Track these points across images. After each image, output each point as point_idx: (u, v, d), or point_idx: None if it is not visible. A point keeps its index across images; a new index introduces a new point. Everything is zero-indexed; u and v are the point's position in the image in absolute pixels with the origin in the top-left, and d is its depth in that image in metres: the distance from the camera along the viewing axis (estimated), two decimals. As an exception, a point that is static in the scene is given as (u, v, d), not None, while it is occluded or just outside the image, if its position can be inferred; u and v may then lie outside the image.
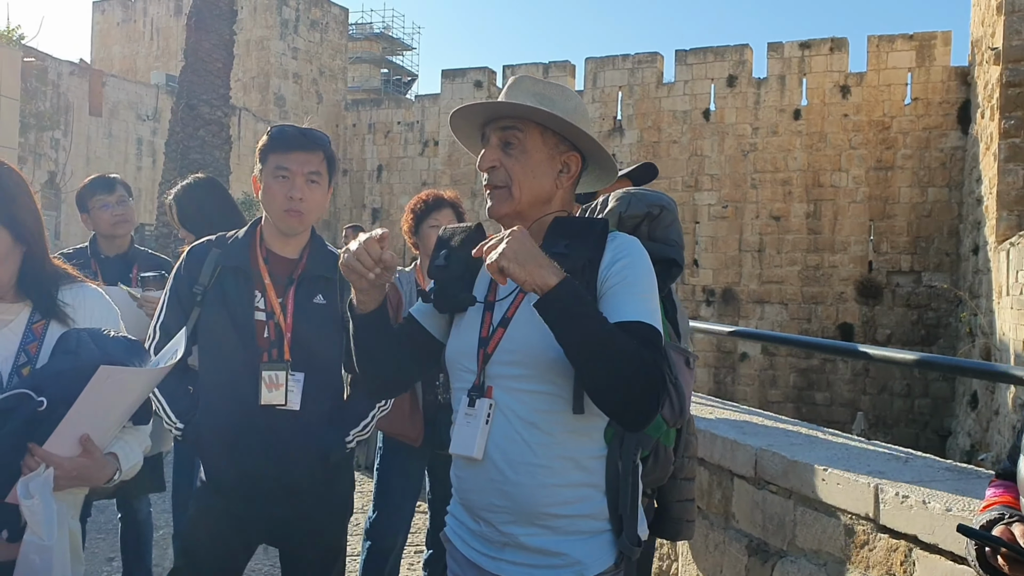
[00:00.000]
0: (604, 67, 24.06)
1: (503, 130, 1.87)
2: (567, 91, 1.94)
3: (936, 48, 20.59)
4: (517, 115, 1.86)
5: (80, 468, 1.85)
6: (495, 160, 1.86)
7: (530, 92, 1.89)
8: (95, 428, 1.90)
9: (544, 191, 1.88)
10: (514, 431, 1.77)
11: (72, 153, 21.22)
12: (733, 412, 4.12)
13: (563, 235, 1.83)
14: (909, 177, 20.58)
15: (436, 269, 1.96)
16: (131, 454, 2.04)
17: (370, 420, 2.63)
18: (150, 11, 32.53)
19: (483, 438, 1.78)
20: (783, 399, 20.93)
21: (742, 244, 22.13)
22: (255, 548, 2.69)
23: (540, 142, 1.87)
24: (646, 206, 2.32)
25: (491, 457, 1.79)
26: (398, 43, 39.92)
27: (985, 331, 14.85)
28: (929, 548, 2.37)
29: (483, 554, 1.85)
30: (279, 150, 2.49)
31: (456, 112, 1.94)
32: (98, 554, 4.47)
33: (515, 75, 1.98)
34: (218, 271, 2.52)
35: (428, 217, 3.65)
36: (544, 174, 1.88)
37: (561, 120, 1.85)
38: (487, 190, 1.89)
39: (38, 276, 1.98)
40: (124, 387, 1.91)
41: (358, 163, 28.01)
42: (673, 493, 2.53)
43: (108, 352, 1.92)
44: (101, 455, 1.91)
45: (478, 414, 1.80)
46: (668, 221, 2.34)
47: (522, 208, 1.86)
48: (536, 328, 1.72)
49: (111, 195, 3.88)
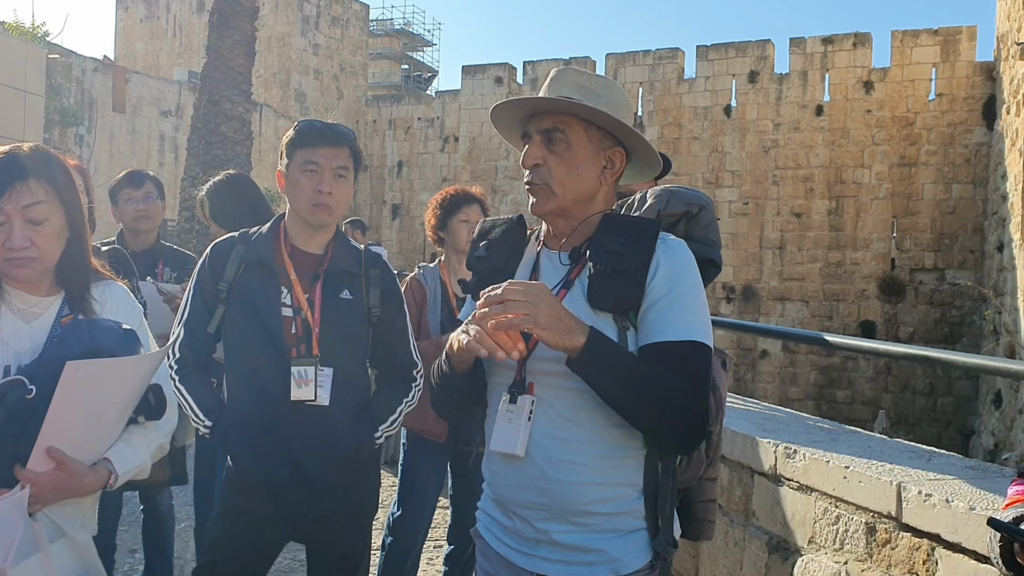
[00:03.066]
0: (624, 63, 23.96)
1: (546, 127, 1.84)
2: (611, 83, 1.90)
3: (961, 43, 20.33)
4: (560, 110, 1.83)
5: (57, 482, 1.81)
6: (539, 157, 1.84)
7: (573, 85, 1.85)
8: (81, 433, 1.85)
9: (589, 188, 1.86)
10: (555, 428, 1.76)
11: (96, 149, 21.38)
12: (754, 408, 4.10)
13: (617, 233, 1.80)
14: (933, 174, 20.36)
15: (477, 260, 1.96)
16: (131, 456, 1.99)
17: (398, 415, 2.63)
18: (173, 8, 32.72)
19: (525, 436, 1.77)
20: (803, 397, 20.79)
21: (763, 241, 21.99)
22: (282, 546, 2.67)
23: (584, 138, 1.84)
24: (685, 204, 2.30)
25: (530, 454, 1.78)
26: (418, 39, 39.94)
27: (1010, 329, 14.69)
28: (952, 547, 2.35)
29: (516, 551, 1.84)
30: (307, 145, 2.50)
31: (498, 107, 1.91)
32: (121, 545, 4.51)
33: (557, 69, 1.92)
34: (243, 267, 2.52)
35: (458, 212, 3.65)
36: (588, 171, 1.85)
37: (605, 115, 1.81)
38: (528, 187, 1.86)
39: (76, 268, 2.02)
40: (103, 383, 1.85)
41: (378, 159, 28.06)
42: (697, 493, 2.52)
43: (98, 341, 1.91)
44: (77, 465, 1.85)
45: (520, 411, 1.79)
46: (707, 220, 2.32)
47: (566, 205, 1.85)
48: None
49: (137, 190, 3.94)
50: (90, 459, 1.91)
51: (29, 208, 1.87)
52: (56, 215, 1.92)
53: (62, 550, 1.88)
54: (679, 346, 1.71)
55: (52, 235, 1.93)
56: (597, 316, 1.76)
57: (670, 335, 1.72)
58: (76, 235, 2.00)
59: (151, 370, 2.00)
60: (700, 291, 1.81)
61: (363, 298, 2.58)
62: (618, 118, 1.83)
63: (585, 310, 1.77)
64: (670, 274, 1.76)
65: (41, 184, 1.89)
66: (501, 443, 1.80)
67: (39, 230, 1.90)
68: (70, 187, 1.97)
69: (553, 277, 1.83)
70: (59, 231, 1.94)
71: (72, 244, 1.99)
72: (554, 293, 1.80)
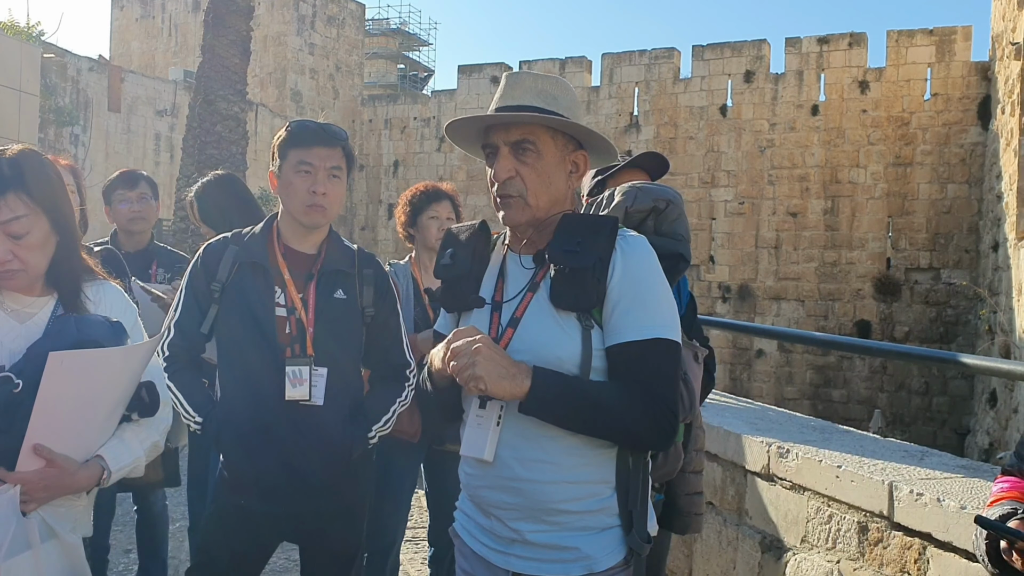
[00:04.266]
0: (620, 63, 23.97)
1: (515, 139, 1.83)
2: (562, 83, 1.91)
3: (956, 43, 20.38)
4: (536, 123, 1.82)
5: (48, 480, 1.81)
6: (511, 170, 1.83)
7: (532, 91, 1.86)
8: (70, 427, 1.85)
9: (559, 194, 1.87)
10: (525, 427, 1.77)
11: (91, 148, 21.35)
12: (747, 408, 4.11)
13: (574, 233, 1.81)
14: (928, 173, 20.40)
15: (443, 268, 1.96)
16: (125, 453, 1.98)
17: (391, 415, 2.63)
18: (168, 7, 32.68)
19: (494, 441, 1.79)
20: (799, 396, 20.83)
21: (759, 240, 22.02)
22: (275, 546, 2.67)
23: (552, 146, 1.85)
24: (652, 200, 2.30)
25: (501, 456, 1.79)
26: (414, 39, 39.91)
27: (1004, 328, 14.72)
28: (943, 546, 2.36)
29: (492, 549, 1.86)
30: (301, 145, 2.50)
31: (457, 122, 1.90)
32: (115, 546, 4.50)
33: (509, 74, 1.91)
34: (236, 267, 2.52)
35: (427, 208, 3.64)
36: (558, 178, 1.86)
37: (575, 125, 1.83)
38: (499, 199, 1.86)
39: (68, 269, 2.02)
40: (90, 375, 1.84)
41: (374, 159, 28.05)
42: (681, 487, 2.54)
43: (85, 333, 1.91)
44: (67, 462, 1.85)
45: (489, 416, 1.80)
46: (674, 215, 2.32)
47: (540, 215, 1.85)
48: (545, 327, 1.73)
49: (132, 191, 3.93)
50: (82, 455, 1.90)
51: (8, 224, 1.87)
52: (38, 226, 1.92)
53: (52, 551, 1.87)
54: (643, 345, 1.73)
55: (35, 246, 1.92)
56: (560, 316, 1.77)
57: (633, 334, 1.74)
58: (65, 238, 2.00)
59: (141, 362, 1.98)
60: (662, 285, 1.81)
61: (357, 298, 2.59)
62: (577, 121, 1.84)
63: (549, 311, 1.78)
64: (630, 271, 1.77)
65: (19, 197, 1.88)
66: (471, 448, 1.82)
67: (21, 243, 1.89)
68: (52, 193, 1.95)
69: (519, 281, 1.84)
70: (42, 241, 1.94)
71: (61, 248, 1.99)
72: (520, 297, 1.83)
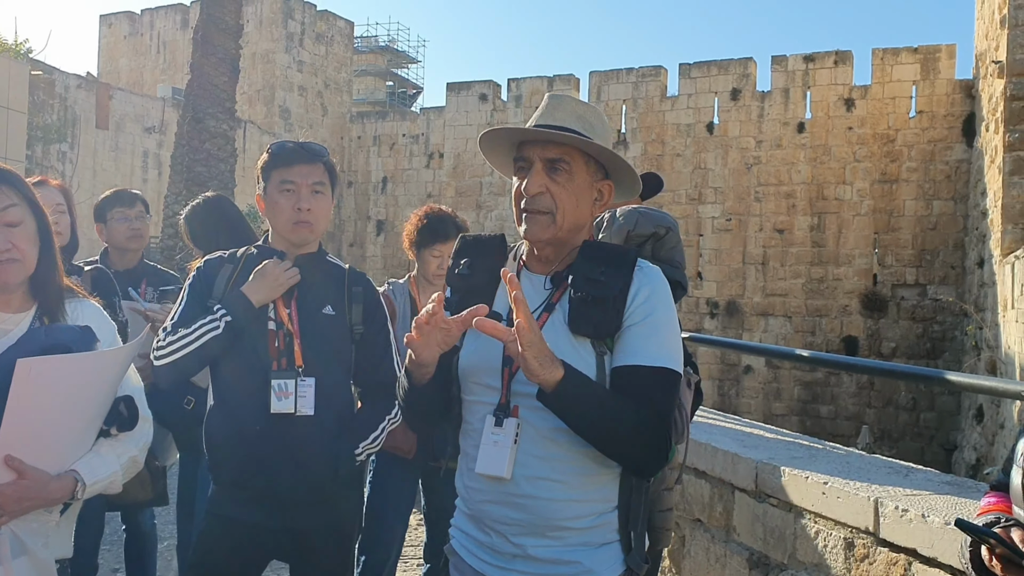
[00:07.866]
0: (608, 80, 24.13)
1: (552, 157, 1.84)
2: (599, 113, 1.94)
3: (941, 61, 20.61)
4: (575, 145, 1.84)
5: (20, 492, 1.78)
6: (542, 185, 1.84)
7: (573, 114, 1.88)
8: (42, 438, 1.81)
9: (583, 218, 1.89)
10: (535, 447, 1.79)
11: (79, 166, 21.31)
12: (735, 425, 4.13)
13: (598, 261, 1.84)
14: (914, 190, 20.57)
15: (457, 278, 1.96)
16: (100, 467, 1.94)
17: (380, 432, 2.62)
18: (157, 25, 32.71)
19: (512, 459, 1.79)
20: (787, 412, 20.87)
21: (746, 257, 22.12)
22: (265, 564, 2.66)
23: (584, 170, 1.87)
24: (653, 226, 2.37)
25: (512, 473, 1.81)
26: (403, 56, 40.04)
27: (990, 344, 14.81)
28: (928, 562, 2.38)
29: (492, 565, 1.86)
30: (282, 165, 2.54)
31: (493, 131, 1.92)
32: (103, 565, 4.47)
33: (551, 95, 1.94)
34: (231, 286, 2.56)
35: (432, 247, 3.62)
36: (584, 202, 1.88)
37: (611, 153, 1.85)
38: (525, 214, 1.86)
39: (49, 278, 2.02)
40: (60, 381, 1.80)
41: (363, 175, 28.07)
42: (656, 503, 2.59)
43: (54, 339, 1.89)
44: (39, 474, 1.81)
45: (506, 434, 1.80)
46: (673, 243, 2.40)
47: (563, 235, 1.86)
48: (560, 349, 1.74)
49: (131, 209, 3.94)
50: (55, 468, 1.86)
51: (4, 211, 1.89)
52: (29, 219, 1.95)
53: (23, 567, 1.83)
54: (650, 371, 1.77)
55: (29, 238, 1.94)
56: (577, 340, 1.80)
57: (642, 359, 1.77)
58: (46, 246, 2.01)
59: (115, 369, 1.95)
60: (674, 318, 1.87)
61: (346, 314, 2.61)
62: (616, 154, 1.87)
63: (565, 334, 1.80)
64: (648, 301, 1.81)
65: (13, 188, 1.92)
66: (488, 466, 1.81)
67: (17, 232, 1.91)
68: (35, 198, 1.99)
69: (533, 299, 1.85)
70: (34, 235, 1.96)
71: (43, 256, 2.00)
72: (535, 316, 1.82)
